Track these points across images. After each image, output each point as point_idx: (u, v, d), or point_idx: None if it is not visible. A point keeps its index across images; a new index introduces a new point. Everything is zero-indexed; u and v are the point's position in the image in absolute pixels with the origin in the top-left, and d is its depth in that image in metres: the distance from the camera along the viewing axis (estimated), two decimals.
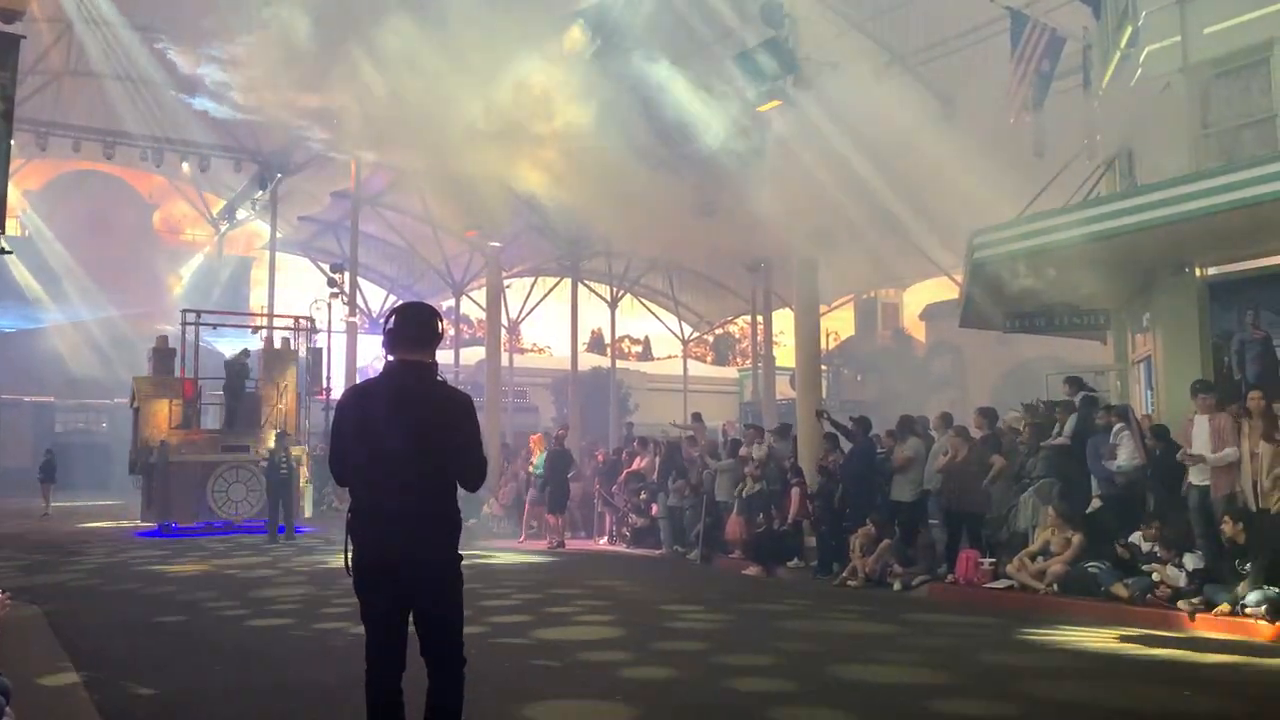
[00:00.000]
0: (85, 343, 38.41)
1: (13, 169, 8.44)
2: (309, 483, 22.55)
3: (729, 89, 15.82)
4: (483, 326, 31.91)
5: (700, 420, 18.21)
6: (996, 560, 11.42)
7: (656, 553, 16.19)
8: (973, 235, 12.61)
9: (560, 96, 16.35)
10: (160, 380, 21.98)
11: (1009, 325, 15.04)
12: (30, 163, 35.17)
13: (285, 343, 24.12)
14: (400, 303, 4.59)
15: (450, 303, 36.20)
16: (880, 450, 13.74)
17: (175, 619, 9.60)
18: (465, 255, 32.12)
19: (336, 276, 26.43)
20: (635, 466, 17.83)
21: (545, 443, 18.77)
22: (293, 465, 19.20)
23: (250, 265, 44.25)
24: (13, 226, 39.58)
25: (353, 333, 27.24)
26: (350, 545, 4.22)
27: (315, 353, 23.92)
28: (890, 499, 12.94)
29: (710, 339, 52.02)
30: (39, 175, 39.68)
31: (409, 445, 4.16)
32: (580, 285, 33.31)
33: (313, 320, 24.65)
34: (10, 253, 25.60)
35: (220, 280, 42.28)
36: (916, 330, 43.02)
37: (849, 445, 13.98)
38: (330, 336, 26.44)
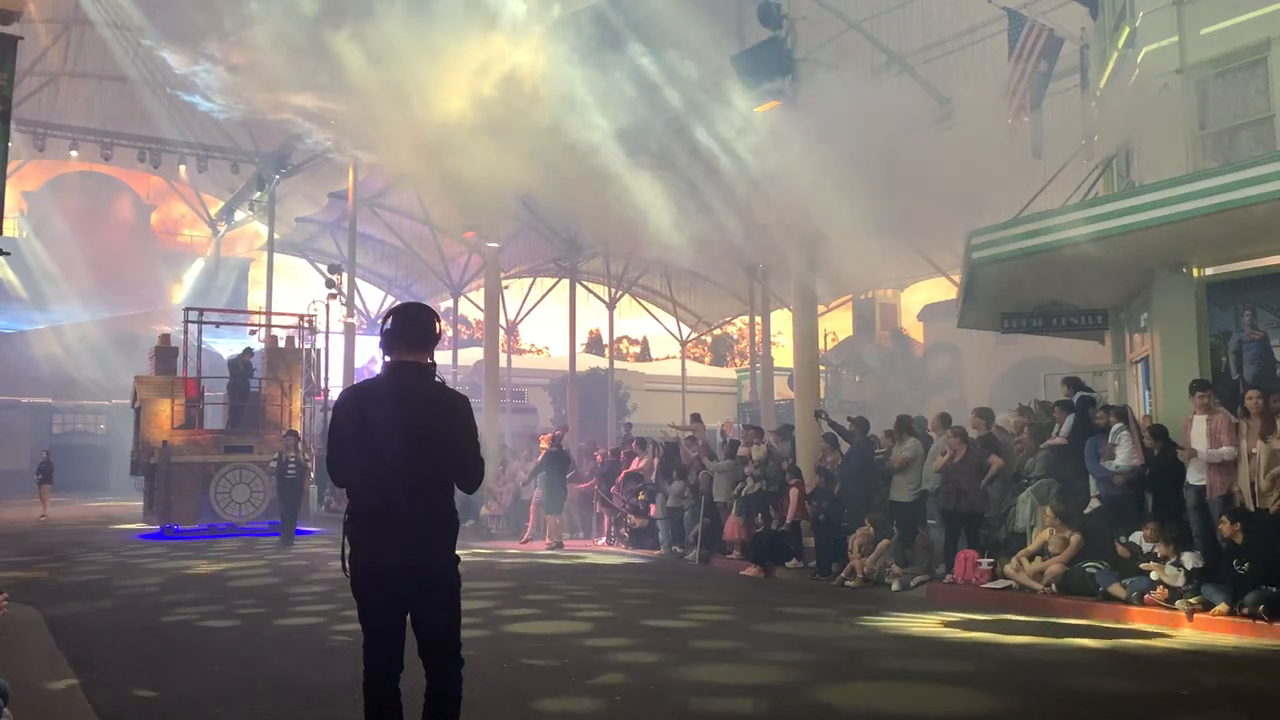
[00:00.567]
0: (82, 344, 38.38)
1: (10, 169, 8.41)
2: (314, 484, 22.48)
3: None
4: (481, 327, 31.91)
5: (699, 421, 18.20)
6: (995, 560, 11.43)
7: (655, 553, 16.19)
8: (971, 235, 12.61)
9: (547, 82, 16.26)
10: (162, 380, 21.76)
11: (1007, 325, 15.04)
12: (28, 163, 35.17)
13: (290, 341, 23.85)
14: (398, 303, 4.57)
15: (448, 303, 36.22)
16: (879, 451, 13.76)
17: (174, 621, 9.59)
18: (463, 256, 32.14)
19: (334, 277, 26.43)
20: (634, 467, 17.83)
21: (549, 444, 18.76)
22: (302, 465, 18.94)
23: (248, 266, 44.26)
24: (10, 227, 39.59)
25: (350, 334, 27.24)
26: (348, 546, 4.22)
27: (314, 354, 23.86)
28: (889, 499, 12.95)
29: (708, 340, 52.05)
30: (37, 176, 39.68)
31: (407, 446, 4.16)
32: (578, 286, 33.35)
33: (313, 318, 24.49)
34: (8, 254, 25.45)
35: (218, 282, 42.27)
36: (915, 331, 43.03)
37: (847, 445, 14.00)
38: (328, 338, 26.40)
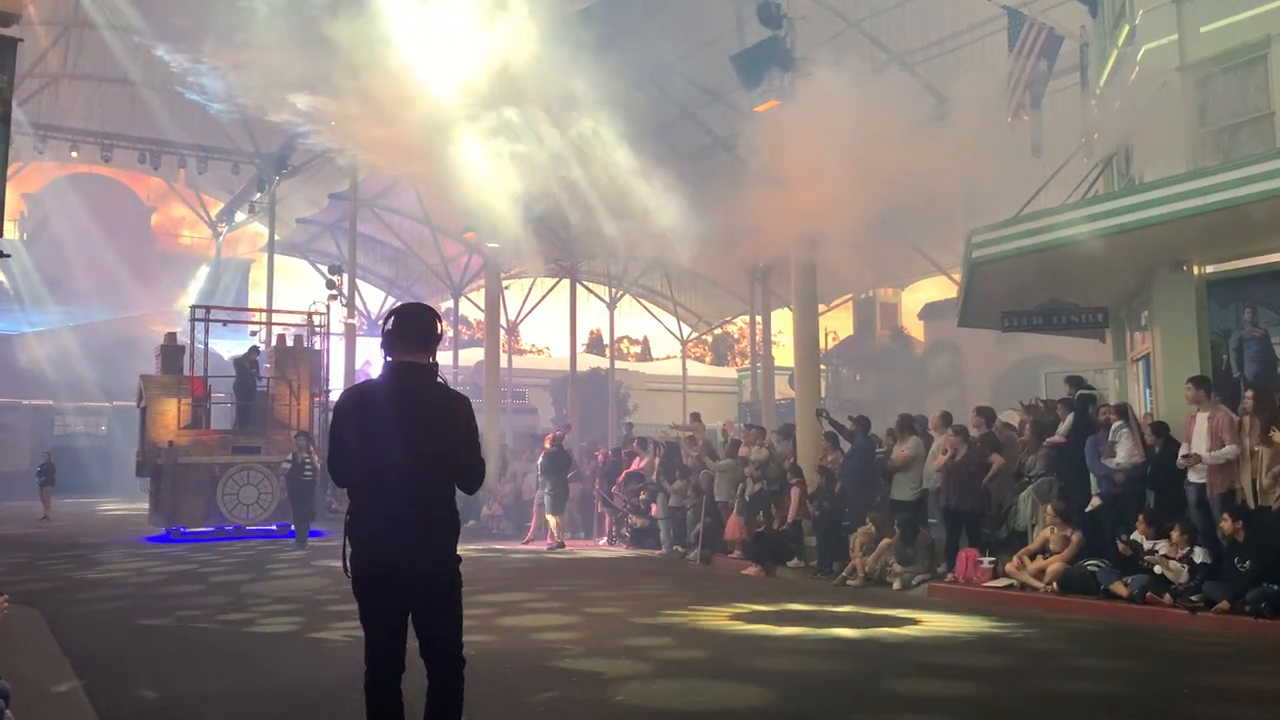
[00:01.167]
0: (83, 346, 38.37)
1: (10, 171, 8.41)
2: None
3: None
4: (481, 328, 31.89)
5: (699, 420, 18.21)
6: (996, 559, 11.43)
7: (656, 553, 16.19)
8: (971, 234, 12.61)
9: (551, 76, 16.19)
10: (168, 379, 21.28)
11: (1007, 324, 15.03)
12: (28, 165, 35.18)
13: (298, 339, 23.39)
14: (399, 304, 4.57)
15: (449, 304, 36.21)
16: (879, 450, 13.76)
17: (177, 623, 9.59)
18: (463, 256, 32.13)
19: (335, 278, 26.39)
20: (635, 467, 17.83)
21: (550, 444, 18.71)
22: (317, 466, 18.21)
23: (249, 267, 44.28)
24: (10, 229, 39.61)
25: (351, 335, 27.22)
26: (348, 547, 4.22)
27: (315, 355, 23.67)
28: (890, 498, 12.96)
29: (709, 339, 52.03)
30: (37, 178, 39.70)
31: (408, 447, 4.16)
32: (579, 286, 33.34)
33: (318, 315, 24.15)
34: (8, 255, 25.40)
35: (219, 283, 42.27)
36: (915, 329, 43.03)
37: (848, 445, 14.00)
38: (329, 339, 26.32)
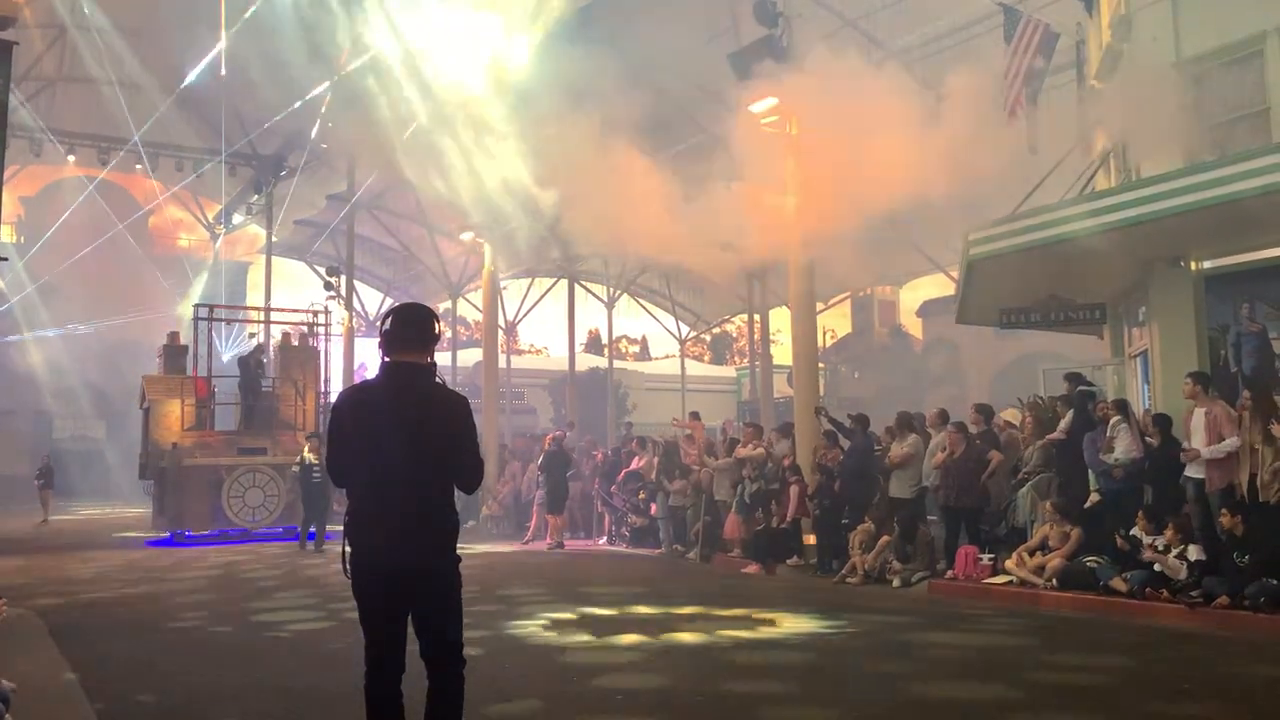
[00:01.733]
0: (82, 349, 38.35)
1: (6, 175, 8.41)
2: None
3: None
4: (480, 328, 31.91)
5: (698, 419, 18.21)
6: (995, 556, 11.44)
7: (655, 552, 16.20)
8: (969, 231, 12.62)
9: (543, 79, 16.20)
10: (172, 380, 20.93)
11: (1005, 321, 15.05)
12: (24, 169, 35.13)
13: (303, 338, 23.02)
14: (397, 304, 4.57)
15: (447, 304, 36.20)
16: (878, 447, 13.77)
17: (177, 625, 9.59)
18: (462, 257, 32.12)
19: (333, 280, 26.39)
20: (634, 466, 17.83)
21: (549, 444, 18.70)
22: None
23: (247, 269, 44.23)
24: (7, 233, 39.59)
25: (349, 336, 27.22)
26: (348, 548, 4.22)
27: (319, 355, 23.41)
28: (889, 496, 12.96)
29: (707, 338, 52.06)
30: (33, 182, 39.63)
31: (406, 447, 4.15)
32: (577, 286, 33.34)
33: (326, 312, 23.91)
34: (5, 259, 25.34)
35: (217, 285, 42.20)
36: (913, 327, 43.10)
37: (847, 443, 14.00)
38: (328, 340, 26.25)
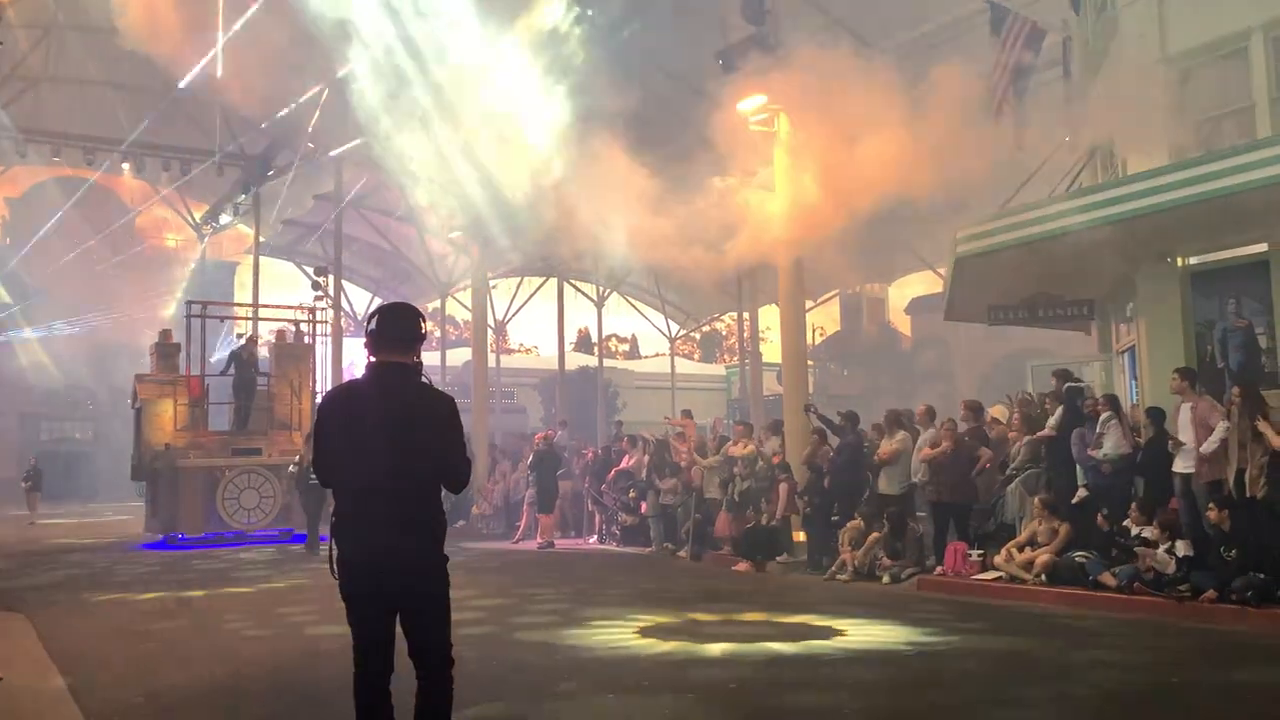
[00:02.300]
0: (69, 350, 38.20)
1: None
2: None
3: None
4: (469, 327, 31.86)
5: (690, 417, 18.21)
6: (984, 552, 11.46)
7: (646, 550, 16.19)
8: (957, 228, 12.66)
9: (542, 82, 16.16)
10: (164, 379, 20.27)
11: (993, 318, 15.12)
12: (10, 170, 34.95)
13: (299, 335, 22.35)
14: (382, 304, 4.56)
15: (436, 304, 36.13)
16: (866, 444, 13.79)
17: (166, 626, 9.55)
18: (450, 256, 32.05)
19: (320, 280, 26.25)
20: (624, 464, 17.82)
21: (539, 443, 18.69)
22: None
23: (234, 270, 44.06)
24: None
25: (338, 336, 27.12)
26: (335, 548, 4.21)
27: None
28: (878, 492, 12.98)
29: (697, 336, 52.08)
30: (18, 183, 39.44)
31: (392, 447, 4.14)
32: (566, 284, 33.30)
33: (315, 310, 23.47)
34: None
35: (205, 286, 42.04)
36: (902, 324, 43.20)
37: (836, 440, 14.02)
38: (326, 337, 25.99)
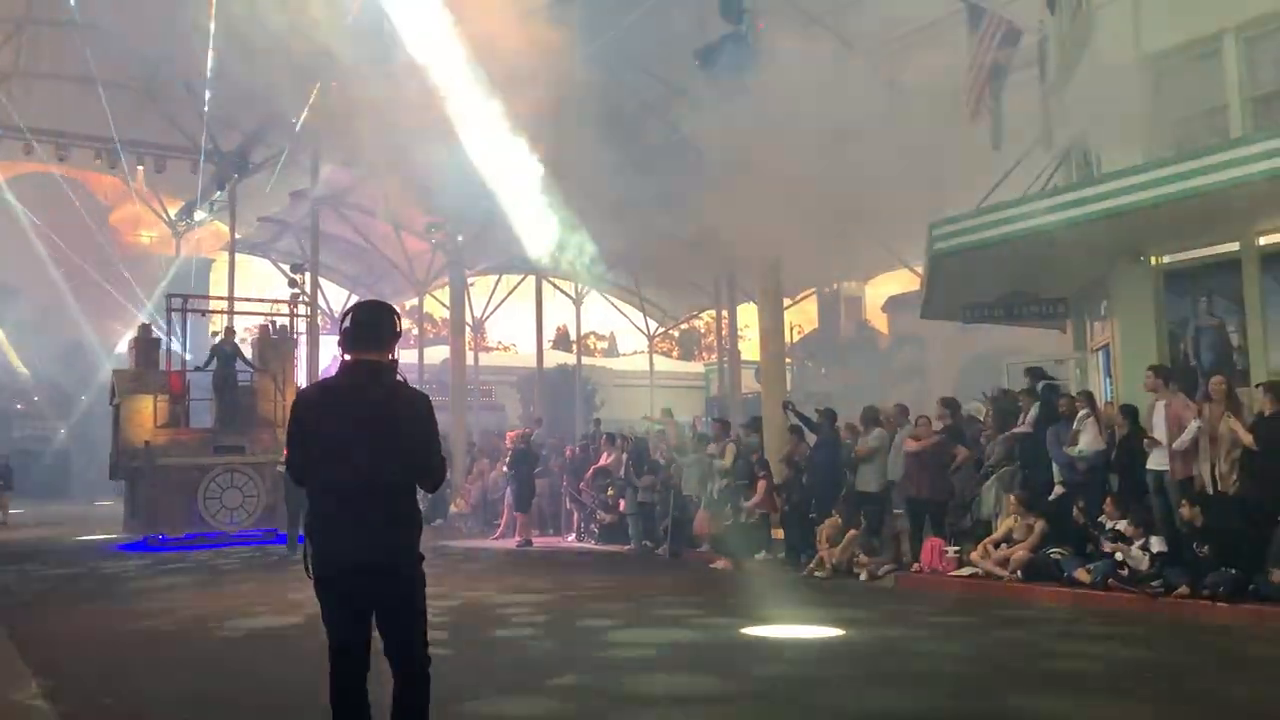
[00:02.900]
0: (42, 347, 37.79)
1: None
2: None
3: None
4: (446, 325, 31.73)
5: (669, 414, 18.25)
6: (961, 548, 11.53)
7: (625, 548, 16.20)
8: (932, 226, 12.72)
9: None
10: (143, 374, 19.77)
11: (969, 315, 15.19)
12: None
13: (282, 330, 21.82)
14: (357, 301, 4.53)
15: (413, 301, 35.99)
16: (844, 441, 13.84)
17: (144, 629, 9.44)
18: (427, 254, 31.93)
19: (297, 277, 26.07)
20: (602, 462, 17.81)
21: (516, 441, 18.64)
22: None
23: (210, 267, 43.67)
24: None
25: (314, 333, 26.94)
26: (310, 547, 4.18)
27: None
28: (855, 490, 13.03)
29: (676, 334, 52.08)
30: None
31: (367, 446, 4.12)
32: (545, 282, 33.23)
33: (303, 303, 23.02)
34: None
35: (180, 283, 41.67)
36: (879, 322, 43.35)
37: (814, 437, 14.07)
38: (309, 331, 25.68)
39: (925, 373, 35.09)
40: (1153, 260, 11.92)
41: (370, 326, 4.31)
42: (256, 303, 24.07)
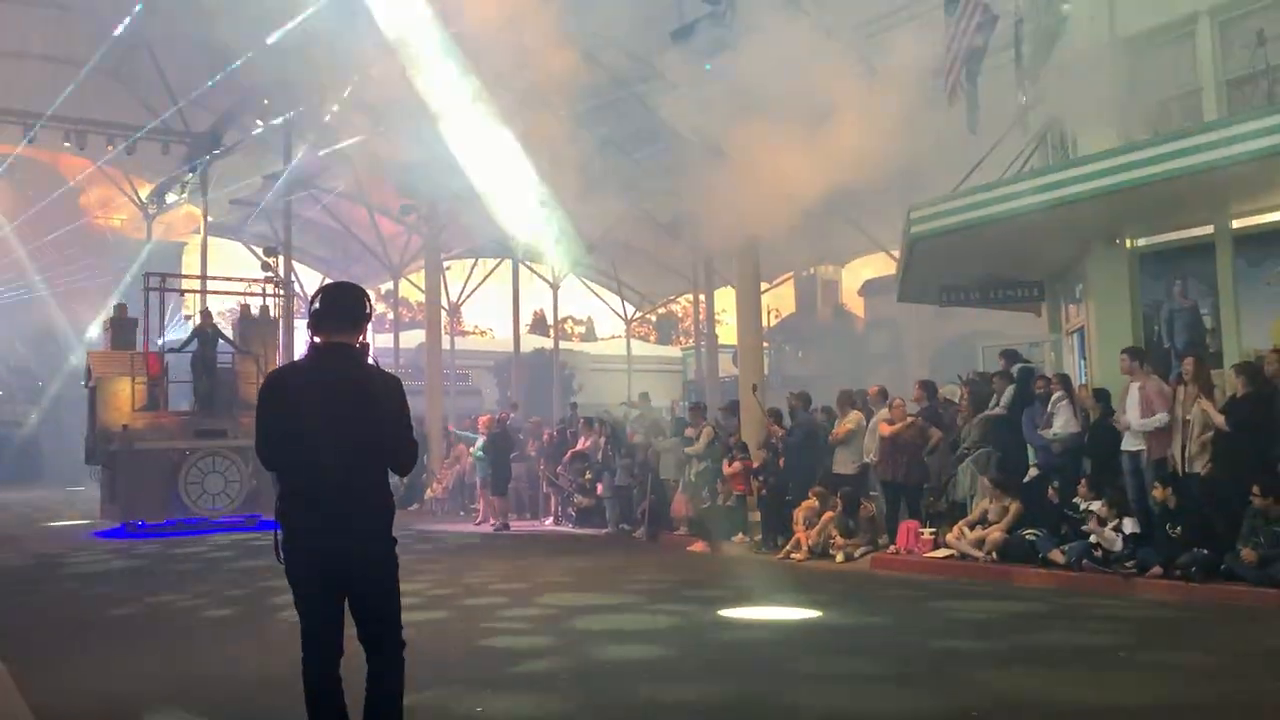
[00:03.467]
0: (12, 330, 37.34)
1: None
2: None
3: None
4: (422, 309, 31.58)
5: (647, 399, 18.24)
6: (936, 530, 11.59)
7: (602, 531, 16.19)
8: (910, 209, 12.72)
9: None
10: (120, 355, 19.21)
11: (945, 299, 15.24)
12: None
13: (264, 310, 21.35)
14: (326, 283, 4.46)
15: (388, 285, 35.78)
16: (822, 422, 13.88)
17: (118, 615, 9.34)
18: (402, 237, 31.72)
19: (270, 260, 25.81)
20: (580, 446, 17.79)
21: (492, 425, 18.59)
22: None
23: (181, 250, 43.20)
24: None
25: (289, 317, 26.71)
26: (281, 532, 4.13)
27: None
28: (832, 472, 13.07)
29: (653, 318, 52.07)
30: None
31: (337, 429, 4.07)
32: (522, 266, 33.10)
33: (284, 282, 22.62)
34: None
35: (151, 266, 41.19)
36: (855, 306, 43.51)
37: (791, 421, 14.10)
38: (280, 314, 25.39)
39: (901, 356, 35.26)
40: (1127, 243, 11.98)
41: (340, 308, 4.25)
42: (236, 281, 23.57)
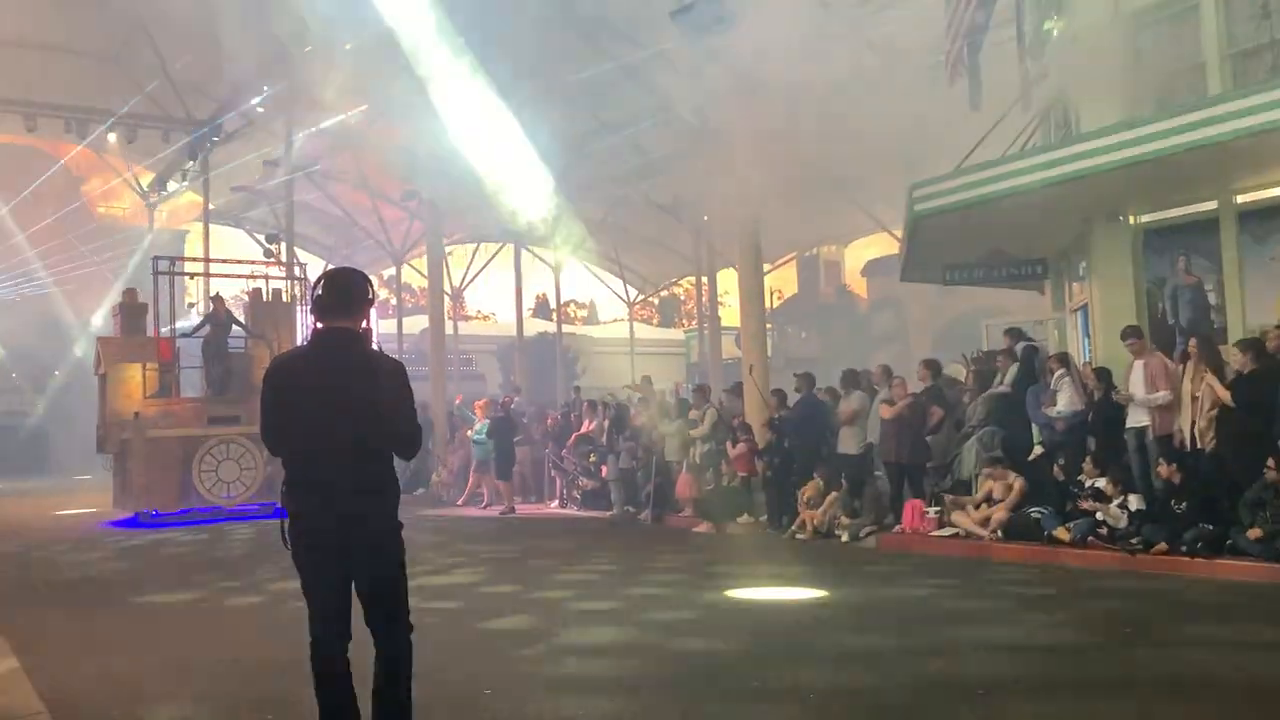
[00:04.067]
0: (16, 320, 37.35)
1: None
2: None
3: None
4: (425, 294, 31.53)
5: (649, 382, 18.21)
6: (941, 509, 11.60)
7: (607, 514, 16.22)
8: (912, 188, 12.68)
9: None
10: (131, 342, 18.90)
11: (949, 277, 15.22)
12: None
13: (276, 294, 20.90)
14: (329, 268, 4.45)
15: (391, 271, 35.74)
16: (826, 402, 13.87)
17: (125, 603, 9.37)
18: (404, 222, 31.65)
19: (272, 247, 25.76)
20: (584, 429, 17.81)
21: (490, 409, 18.60)
22: None
23: (183, 238, 43.20)
24: None
25: (293, 303, 26.69)
26: (287, 517, 4.14)
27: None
28: (836, 452, 13.07)
29: (656, 301, 52.01)
30: None
31: (338, 413, 4.07)
32: (524, 250, 33.04)
33: (278, 261, 22.44)
34: None
35: (153, 253, 41.18)
36: (858, 286, 43.46)
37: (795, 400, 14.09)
38: (302, 297, 25.20)
39: (905, 336, 35.23)
40: (1131, 219, 11.94)
41: (341, 293, 4.24)
42: (248, 264, 23.16)
